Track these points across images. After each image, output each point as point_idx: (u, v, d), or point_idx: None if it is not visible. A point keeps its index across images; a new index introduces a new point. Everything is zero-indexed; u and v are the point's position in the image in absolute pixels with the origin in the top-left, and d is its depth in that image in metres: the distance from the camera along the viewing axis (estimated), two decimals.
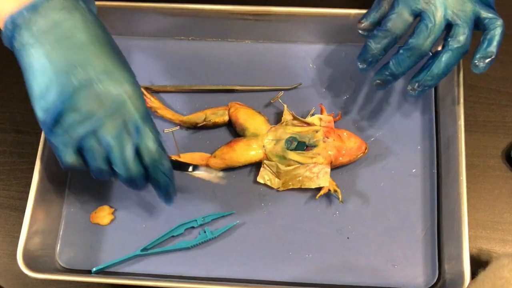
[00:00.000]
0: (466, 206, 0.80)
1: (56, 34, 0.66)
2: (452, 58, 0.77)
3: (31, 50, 0.67)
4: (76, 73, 0.66)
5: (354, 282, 0.84)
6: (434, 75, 0.78)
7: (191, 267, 0.85)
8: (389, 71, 0.80)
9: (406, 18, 0.77)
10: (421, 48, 0.77)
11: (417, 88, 0.80)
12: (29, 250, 0.81)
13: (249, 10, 0.92)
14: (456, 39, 0.76)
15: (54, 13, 0.66)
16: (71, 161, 0.70)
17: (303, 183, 0.86)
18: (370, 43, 0.79)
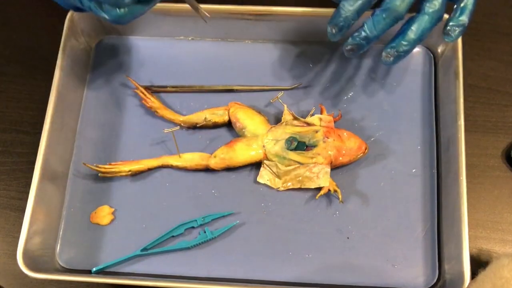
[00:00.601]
0: (466, 206, 0.80)
1: None
2: (427, 23, 0.76)
3: None
4: None
5: (354, 282, 0.84)
6: (410, 40, 0.76)
7: (191, 267, 0.85)
8: (363, 34, 0.77)
9: None
10: (397, 10, 0.74)
11: (393, 54, 0.78)
12: (29, 250, 0.81)
13: (249, 10, 0.92)
14: (432, 3, 0.75)
15: None
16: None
17: (303, 183, 0.86)
18: (343, 5, 0.76)
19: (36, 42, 0.98)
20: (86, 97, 0.95)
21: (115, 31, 0.97)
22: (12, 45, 1.01)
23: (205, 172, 0.89)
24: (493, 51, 0.81)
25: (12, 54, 1.01)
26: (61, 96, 0.88)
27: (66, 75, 0.90)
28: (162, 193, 0.89)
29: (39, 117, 0.89)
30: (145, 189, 0.89)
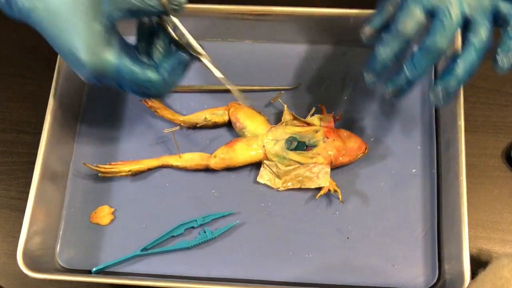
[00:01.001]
0: (466, 206, 0.79)
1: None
2: (475, 57, 0.70)
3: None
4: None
5: (354, 282, 0.84)
6: (460, 77, 0.70)
7: (191, 267, 0.85)
8: (403, 76, 0.71)
9: (418, 17, 0.69)
10: (438, 48, 0.69)
11: (443, 94, 0.71)
12: (29, 250, 0.81)
13: (249, 10, 0.92)
14: (477, 35, 0.69)
15: None
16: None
17: (303, 183, 0.86)
18: (379, 49, 0.72)
19: (36, 42, 0.98)
20: (86, 97, 0.95)
21: None
22: (12, 45, 1.02)
23: (205, 172, 0.89)
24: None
25: (12, 54, 1.01)
26: (61, 96, 0.88)
27: (66, 75, 0.90)
28: (162, 193, 0.89)
29: (39, 117, 0.89)
30: (145, 189, 0.89)
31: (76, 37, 0.68)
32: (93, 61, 0.69)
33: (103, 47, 0.69)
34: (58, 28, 0.69)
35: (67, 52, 0.70)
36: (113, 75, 0.71)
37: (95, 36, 0.69)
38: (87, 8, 0.68)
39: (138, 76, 0.72)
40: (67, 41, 0.69)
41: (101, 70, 0.70)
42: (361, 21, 0.90)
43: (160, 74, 0.73)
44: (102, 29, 0.69)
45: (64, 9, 0.67)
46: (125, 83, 0.72)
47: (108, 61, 0.70)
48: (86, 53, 0.69)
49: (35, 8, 0.68)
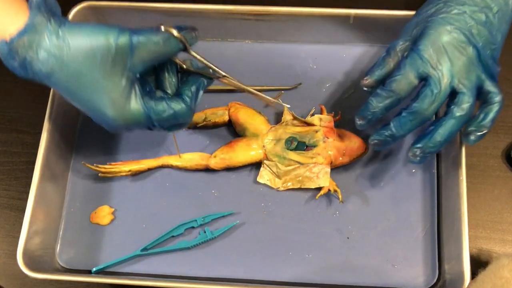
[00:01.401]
0: (466, 206, 0.80)
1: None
2: (455, 126, 0.75)
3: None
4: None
5: (354, 282, 0.84)
6: (437, 143, 0.75)
7: (191, 267, 0.85)
8: (389, 132, 0.77)
9: (412, 81, 0.75)
10: (424, 113, 0.75)
11: (419, 154, 0.77)
12: (29, 250, 0.81)
13: (249, 10, 0.92)
14: (460, 107, 0.74)
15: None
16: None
17: (303, 183, 0.86)
18: (372, 101, 0.77)
19: None
20: None
21: None
22: None
23: (205, 172, 0.89)
24: None
25: None
26: (61, 96, 0.88)
27: None
28: (162, 193, 0.89)
29: (39, 117, 0.89)
30: (145, 189, 0.89)
31: (101, 95, 0.70)
32: (121, 115, 0.72)
33: (129, 99, 0.71)
34: (80, 88, 0.70)
35: (91, 110, 0.72)
36: (142, 121, 0.73)
37: (121, 91, 0.71)
38: (112, 65, 0.69)
39: (165, 112, 0.73)
40: (91, 100, 0.71)
41: (131, 121, 0.73)
42: (362, 21, 0.90)
43: (185, 102, 0.74)
44: (127, 83, 0.71)
45: (86, 69, 0.69)
46: (155, 123, 0.74)
47: (136, 111, 0.72)
48: (113, 109, 0.71)
49: (53, 72, 0.69)
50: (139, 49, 0.70)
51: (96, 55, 0.68)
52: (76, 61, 0.69)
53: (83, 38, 0.68)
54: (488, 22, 0.76)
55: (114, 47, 0.69)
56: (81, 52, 0.68)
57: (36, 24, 0.68)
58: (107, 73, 0.69)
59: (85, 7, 0.92)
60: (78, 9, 0.92)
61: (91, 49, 0.68)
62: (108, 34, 0.69)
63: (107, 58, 0.69)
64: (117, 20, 0.95)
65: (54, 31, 0.68)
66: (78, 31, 0.69)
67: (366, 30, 0.93)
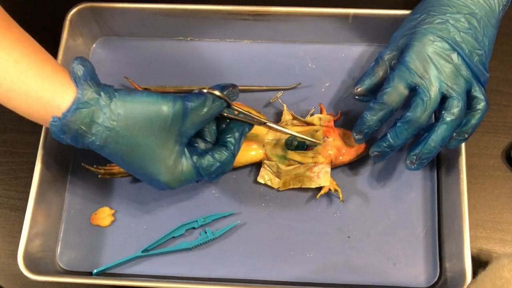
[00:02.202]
0: (466, 204, 0.80)
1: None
2: (447, 131, 0.77)
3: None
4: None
5: (355, 281, 0.84)
6: (432, 148, 0.78)
7: (192, 268, 0.85)
8: (387, 143, 0.79)
9: (402, 92, 0.78)
10: (418, 121, 0.77)
11: (416, 161, 0.79)
12: (29, 252, 0.81)
13: (248, 10, 0.91)
14: (450, 112, 0.76)
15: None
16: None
17: (304, 183, 0.86)
18: (366, 115, 0.80)
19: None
20: None
21: (114, 33, 0.97)
22: None
23: None
24: (493, 51, 0.81)
25: None
26: None
27: None
28: (162, 194, 0.89)
29: None
30: (145, 190, 0.89)
31: (155, 163, 0.72)
32: (175, 179, 0.74)
33: (181, 162, 0.74)
34: (134, 157, 0.72)
35: (144, 176, 0.75)
36: (193, 179, 0.76)
37: (174, 157, 0.73)
38: (167, 133, 0.71)
39: (213, 166, 0.75)
40: (145, 168, 0.73)
41: (184, 182, 0.75)
42: (360, 20, 0.90)
43: (228, 149, 0.76)
44: (180, 148, 0.73)
45: (141, 140, 0.71)
46: (204, 176, 0.76)
47: (187, 172, 0.75)
48: (167, 175, 0.74)
49: (107, 144, 0.70)
50: (191, 114, 0.72)
51: (153, 126, 0.70)
52: (131, 133, 0.70)
53: (137, 110, 0.70)
54: (472, 28, 0.78)
55: (170, 117, 0.70)
56: (136, 123, 0.70)
57: (87, 98, 0.68)
58: (163, 141, 0.71)
59: (84, 8, 0.92)
60: (76, 10, 0.92)
61: (147, 121, 0.70)
62: (163, 104, 0.70)
63: (164, 128, 0.71)
64: (117, 21, 0.95)
65: (106, 104, 0.69)
66: (131, 102, 0.70)
67: (365, 29, 0.93)
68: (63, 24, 0.91)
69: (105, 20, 0.94)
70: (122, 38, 0.98)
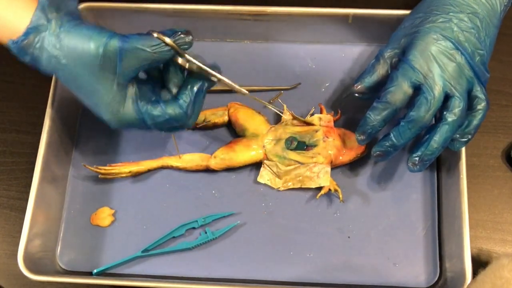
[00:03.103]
0: (466, 204, 0.80)
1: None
2: (449, 132, 0.77)
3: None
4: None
5: (355, 281, 0.84)
6: (434, 150, 0.77)
7: (192, 268, 0.85)
8: (390, 142, 0.79)
9: (406, 91, 0.77)
10: (422, 121, 0.76)
11: (418, 163, 0.79)
12: (29, 252, 0.81)
13: (248, 10, 0.91)
14: (452, 112, 0.76)
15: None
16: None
17: (304, 183, 0.86)
18: (369, 115, 0.79)
19: None
20: None
21: None
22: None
23: (205, 173, 0.89)
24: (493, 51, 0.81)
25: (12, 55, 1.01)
26: (60, 97, 0.88)
27: None
28: (162, 194, 0.89)
29: (39, 117, 0.89)
30: (146, 190, 0.89)
31: (95, 98, 0.73)
32: (115, 118, 0.75)
33: (122, 104, 0.74)
34: (78, 88, 0.74)
35: (91, 108, 0.76)
36: (137, 124, 0.76)
37: (113, 96, 0.73)
38: (100, 70, 0.71)
39: (160, 117, 0.76)
40: (88, 100, 0.75)
41: (125, 124, 0.76)
42: (360, 20, 0.90)
43: (181, 107, 0.76)
44: (118, 88, 0.73)
45: (80, 72, 0.71)
46: (151, 126, 0.77)
47: (128, 116, 0.75)
48: (107, 112, 0.74)
49: (57, 71, 0.72)
50: (128, 56, 0.71)
51: (85, 60, 0.70)
52: (72, 64, 0.71)
53: (75, 41, 0.70)
54: (475, 27, 0.77)
55: (101, 53, 0.70)
56: (74, 55, 0.70)
57: (38, 25, 0.70)
58: (98, 77, 0.71)
59: (84, 8, 0.92)
60: None
61: (82, 54, 0.70)
62: (97, 40, 0.70)
63: (95, 64, 0.70)
64: (117, 21, 0.95)
65: (54, 33, 0.70)
66: (73, 33, 0.70)
67: (365, 29, 0.93)
68: None
69: (105, 20, 0.94)
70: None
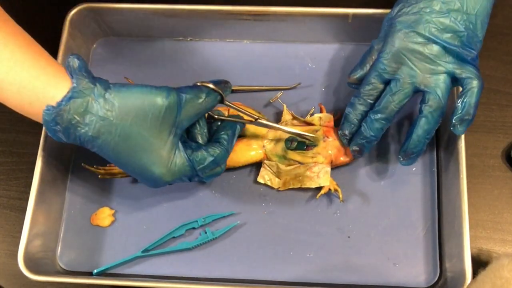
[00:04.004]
0: (466, 204, 0.80)
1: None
2: (428, 123, 0.78)
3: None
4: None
5: (355, 281, 0.84)
6: (416, 143, 0.80)
7: (192, 268, 0.85)
8: (362, 136, 0.82)
9: (378, 86, 0.80)
10: (385, 112, 0.79)
11: (405, 156, 0.82)
12: (30, 252, 0.81)
13: (248, 10, 0.91)
14: (428, 105, 0.78)
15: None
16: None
17: (304, 183, 0.86)
18: (349, 112, 0.83)
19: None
20: None
21: (114, 33, 0.97)
22: None
23: None
24: (493, 51, 0.81)
25: None
26: None
27: None
28: (162, 194, 0.89)
29: None
30: (146, 190, 0.89)
31: (149, 154, 0.72)
32: (168, 171, 0.74)
33: (174, 154, 0.74)
34: (128, 149, 0.72)
35: (138, 169, 0.74)
36: (188, 173, 0.76)
37: (168, 148, 0.73)
38: (161, 124, 0.72)
39: (207, 160, 0.76)
40: (139, 159, 0.73)
41: (177, 175, 0.75)
42: (360, 20, 0.90)
43: (222, 146, 0.77)
44: (174, 139, 0.73)
45: (136, 131, 0.71)
46: (198, 173, 0.76)
47: (181, 164, 0.75)
48: (160, 166, 0.74)
49: (100, 135, 0.70)
50: (186, 106, 0.73)
51: (146, 116, 0.70)
52: (125, 123, 0.70)
53: (132, 100, 0.70)
54: (450, 10, 0.76)
55: (165, 107, 0.71)
56: (130, 113, 0.70)
57: (82, 88, 0.69)
58: (157, 132, 0.71)
59: (84, 9, 0.92)
60: (76, 10, 0.92)
61: (142, 111, 0.70)
62: (158, 95, 0.71)
63: (158, 118, 0.71)
64: (117, 22, 0.95)
65: (101, 95, 0.69)
66: (126, 93, 0.70)
67: (364, 29, 0.92)
68: (63, 24, 0.91)
69: (105, 20, 0.94)
70: (122, 38, 0.98)
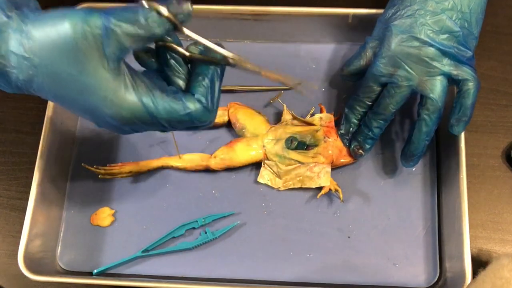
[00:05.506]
0: (466, 204, 0.80)
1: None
2: (426, 126, 0.80)
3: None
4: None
5: (355, 281, 0.84)
6: (416, 145, 0.81)
7: (192, 268, 0.85)
8: (361, 135, 0.84)
9: (375, 89, 0.82)
10: (383, 113, 0.81)
11: (406, 159, 0.84)
12: (30, 253, 0.81)
13: (248, 10, 0.91)
14: (425, 107, 0.79)
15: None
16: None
17: (304, 183, 0.86)
18: (348, 112, 0.86)
19: None
20: None
21: None
22: None
23: (205, 173, 0.90)
24: (493, 51, 0.81)
25: None
26: None
27: None
28: (162, 194, 0.89)
29: (39, 117, 0.90)
30: (146, 190, 0.89)
31: (88, 93, 0.59)
32: (118, 111, 0.61)
33: (122, 93, 0.60)
34: (62, 90, 0.60)
35: (87, 112, 0.62)
36: (147, 118, 0.62)
37: (109, 84, 0.59)
38: (85, 58, 0.58)
39: (176, 112, 0.63)
40: (80, 101, 0.60)
41: (132, 117, 0.62)
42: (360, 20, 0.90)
43: (200, 102, 0.64)
44: (112, 75, 0.59)
45: (59, 67, 0.58)
46: (165, 123, 0.64)
47: (133, 105, 0.61)
48: (106, 106, 0.60)
49: (32, 77, 0.59)
50: (115, 33, 0.58)
51: (63, 47, 0.57)
52: (47, 60, 0.58)
53: (46, 30, 0.57)
54: (444, 10, 0.77)
55: (80, 36, 0.57)
56: (47, 48, 0.57)
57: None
58: (83, 68, 0.58)
59: None
60: None
61: (57, 39, 0.57)
62: (72, 17, 0.57)
63: (76, 51, 0.57)
64: None
65: (18, 28, 0.58)
66: (40, 22, 0.58)
67: (365, 29, 0.92)
68: None
69: None
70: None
